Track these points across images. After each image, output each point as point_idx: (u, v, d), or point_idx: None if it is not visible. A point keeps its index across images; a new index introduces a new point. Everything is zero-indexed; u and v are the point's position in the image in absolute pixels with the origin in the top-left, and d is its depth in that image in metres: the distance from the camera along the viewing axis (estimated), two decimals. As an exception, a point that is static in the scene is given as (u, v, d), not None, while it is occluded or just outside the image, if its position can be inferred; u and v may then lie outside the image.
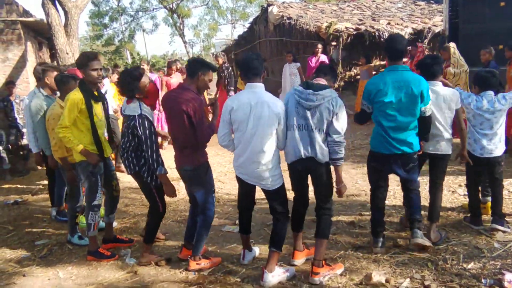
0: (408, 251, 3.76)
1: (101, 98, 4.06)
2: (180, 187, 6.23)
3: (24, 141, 7.52)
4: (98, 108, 3.97)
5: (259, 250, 3.95)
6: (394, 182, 4.81)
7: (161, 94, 8.10)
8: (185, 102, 3.44)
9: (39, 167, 6.91)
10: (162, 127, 8.43)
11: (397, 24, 11.72)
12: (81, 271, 3.85)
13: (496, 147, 4.06)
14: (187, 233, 3.94)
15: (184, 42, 30.68)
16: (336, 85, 10.26)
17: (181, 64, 10.09)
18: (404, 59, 7.46)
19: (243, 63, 3.42)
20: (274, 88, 10.77)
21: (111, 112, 5.82)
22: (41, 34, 9.51)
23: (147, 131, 3.54)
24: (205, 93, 7.35)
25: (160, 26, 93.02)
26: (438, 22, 11.79)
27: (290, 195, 3.62)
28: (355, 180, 5.99)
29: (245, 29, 19.64)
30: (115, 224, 4.64)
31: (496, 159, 4.08)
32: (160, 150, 3.74)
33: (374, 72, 9.39)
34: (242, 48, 18.61)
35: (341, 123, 3.33)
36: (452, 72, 6.85)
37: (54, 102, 4.49)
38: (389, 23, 11.69)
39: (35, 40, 8.99)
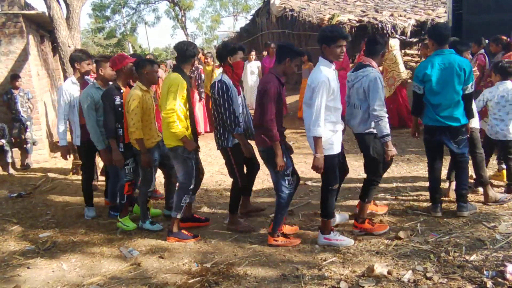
0: (410, 243, 3.77)
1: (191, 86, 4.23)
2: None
3: (28, 134, 7.55)
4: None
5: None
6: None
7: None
8: (262, 83, 3.72)
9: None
10: None
11: (400, 15, 11.64)
12: (84, 263, 3.88)
13: None
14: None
15: (186, 35, 30.56)
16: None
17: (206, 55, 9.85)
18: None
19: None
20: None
21: None
22: (43, 27, 9.50)
23: (225, 95, 3.88)
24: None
25: (162, 18, 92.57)
26: (441, 13, 11.71)
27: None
28: (357, 172, 5.97)
29: (247, 22, 19.55)
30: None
31: None
32: None
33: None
34: (244, 40, 18.53)
35: (373, 97, 3.73)
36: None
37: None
38: (392, 15, 11.61)
39: (37, 33, 8.98)
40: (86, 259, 3.96)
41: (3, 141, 7.33)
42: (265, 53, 10.78)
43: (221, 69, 4.89)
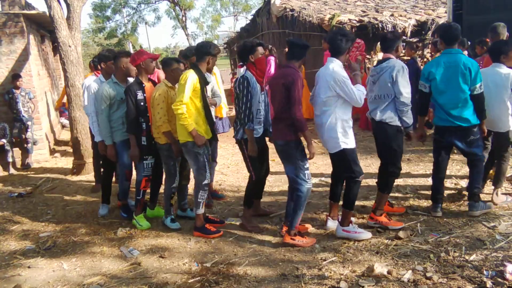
0: (410, 243, 3.78)
1: (207, 83, 4.25)
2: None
3: (28, 134, 7.56)
4: (205, 91, 4.17)
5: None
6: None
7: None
8: (284, 76, 3.74)
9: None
10: None
11: (401, 15, 11.63)
12: (85, 263, 3.89)
13: None
14: (286, 211, 4.08)
15: (187, 35, 30.60)
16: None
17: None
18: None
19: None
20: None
21: None
22: (43, 27, 9.52)
23: (245, 90, 3.92)
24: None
25: (162, 18, 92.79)
26: (442, 13, 11.69)
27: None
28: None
29: (248, 21, 19.56)
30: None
31: None
32: None
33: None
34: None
35: (402, 84, 3.84)
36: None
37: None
38: (392, 15, 11.60)
39: (37, 33, 9.00)
40: (86, 258, 3.97)
41: (4, 140, 7.34)
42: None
43: (217, 69, 4.93)
